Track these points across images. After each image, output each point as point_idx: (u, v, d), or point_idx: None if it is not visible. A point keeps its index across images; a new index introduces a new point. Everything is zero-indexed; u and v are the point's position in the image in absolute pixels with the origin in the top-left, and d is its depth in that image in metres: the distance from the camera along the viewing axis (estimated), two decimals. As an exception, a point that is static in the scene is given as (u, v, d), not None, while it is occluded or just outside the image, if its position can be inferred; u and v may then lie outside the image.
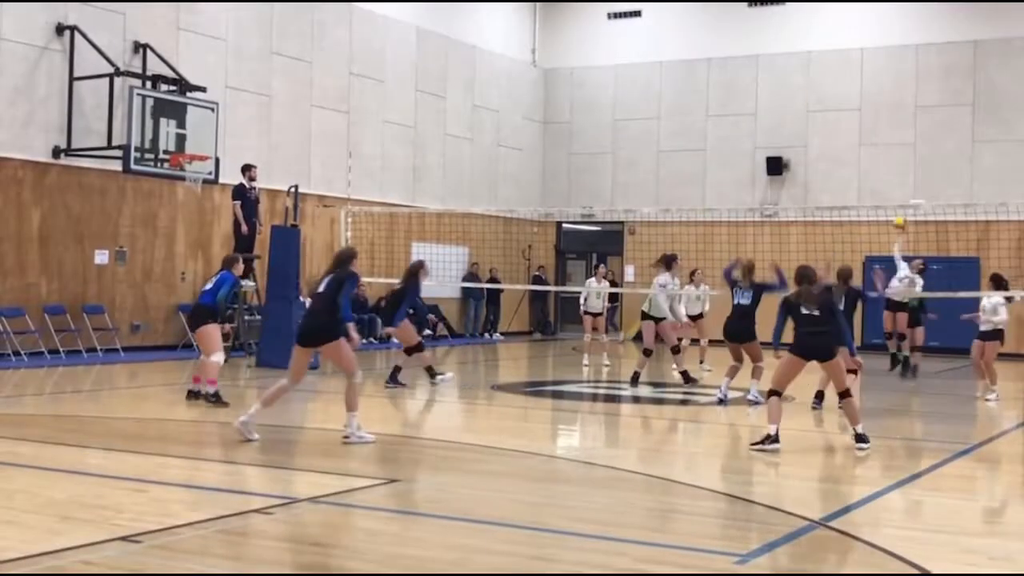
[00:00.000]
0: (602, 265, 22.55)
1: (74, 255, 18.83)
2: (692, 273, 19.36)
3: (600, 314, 20.10)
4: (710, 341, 19.27)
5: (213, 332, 12.64)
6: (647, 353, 16.24)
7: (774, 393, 10.52)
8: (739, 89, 28.21)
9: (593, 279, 20.32)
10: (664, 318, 16.37)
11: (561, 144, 30.36)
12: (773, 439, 10.25)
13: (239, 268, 13.14)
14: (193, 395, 12.98)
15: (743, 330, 13.95)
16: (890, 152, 26.57)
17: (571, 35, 30.26)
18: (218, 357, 12.64)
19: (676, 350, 16.60)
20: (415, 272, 15.17)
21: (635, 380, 16.06)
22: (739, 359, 14.16)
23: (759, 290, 13.96)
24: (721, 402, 13.92)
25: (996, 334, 14.99)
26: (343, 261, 10.43)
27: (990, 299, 14.95)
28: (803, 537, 6.90)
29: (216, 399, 12.55)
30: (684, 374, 16.30)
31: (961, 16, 25.96)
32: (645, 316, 16.34)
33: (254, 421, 10.01)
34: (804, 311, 10.56)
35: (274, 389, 10.20)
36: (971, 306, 15.84)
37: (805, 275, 10.79)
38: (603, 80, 29.67)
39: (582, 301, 20.27)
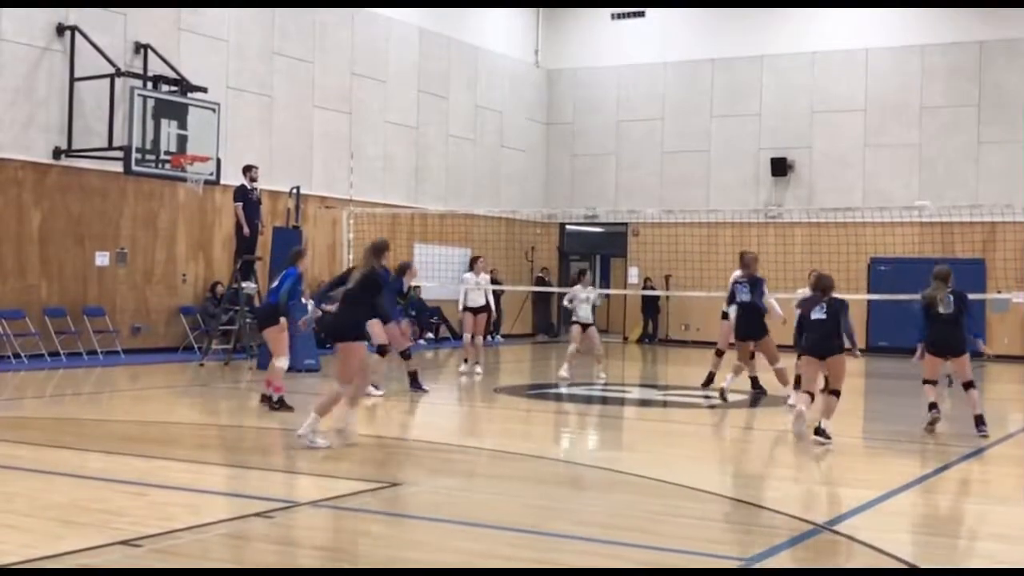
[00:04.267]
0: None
1: (74, 257, 18.79)
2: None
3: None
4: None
5: (276, 334, 12.18)
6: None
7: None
8: (743, 90, 28.15)
9: (579, 286, 17.44)
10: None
11: (564, 145, 30.32)
12: None
13: (305, 262, 12.38)
14: (265, 399, 12.55)
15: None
16: (895, 153, 26.51)
17: (574, 36, 30.21)
18: (282, 362, 12.17)
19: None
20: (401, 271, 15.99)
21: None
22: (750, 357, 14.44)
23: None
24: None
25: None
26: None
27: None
28: (807, 541, 6.86)
29: (280, 405, 12.21)
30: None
31: (966, 17, 25.88)
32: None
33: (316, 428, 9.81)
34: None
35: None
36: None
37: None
38: (606, 81, 29.62)
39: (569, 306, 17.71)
